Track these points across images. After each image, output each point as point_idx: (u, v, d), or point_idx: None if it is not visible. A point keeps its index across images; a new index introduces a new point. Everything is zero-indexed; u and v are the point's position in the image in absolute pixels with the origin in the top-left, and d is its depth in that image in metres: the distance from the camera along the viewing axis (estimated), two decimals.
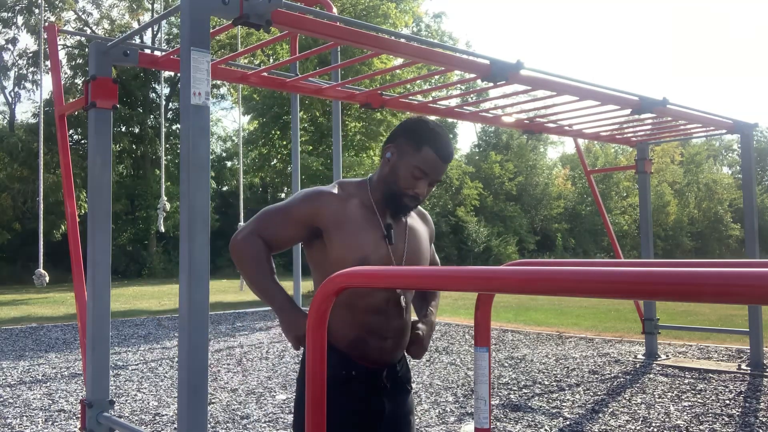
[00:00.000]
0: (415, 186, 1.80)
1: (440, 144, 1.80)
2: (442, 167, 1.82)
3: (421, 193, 1.82)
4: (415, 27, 29.24)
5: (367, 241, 1.79)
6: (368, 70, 14.51)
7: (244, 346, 7.80)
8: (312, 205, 1.81)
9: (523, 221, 34.32)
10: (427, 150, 1.78)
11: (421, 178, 1.80)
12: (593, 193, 7.49)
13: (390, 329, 1.83)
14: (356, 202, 1.84)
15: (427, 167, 1.79)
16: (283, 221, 1.83)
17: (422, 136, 1.80)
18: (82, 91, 3.12)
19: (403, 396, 1.93)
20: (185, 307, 2.09)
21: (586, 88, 3.96)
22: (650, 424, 4.35)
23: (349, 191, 1.87)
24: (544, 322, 10.04)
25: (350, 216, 1.81)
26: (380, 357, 1.83)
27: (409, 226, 1.93)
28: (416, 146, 1.80)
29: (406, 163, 1.80)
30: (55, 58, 3.86)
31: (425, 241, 1.98)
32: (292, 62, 4.27)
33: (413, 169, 1.79)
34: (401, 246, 1.87)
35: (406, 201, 1.82)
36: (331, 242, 1.78)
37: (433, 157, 1.78)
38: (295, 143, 8.98)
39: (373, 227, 1.83)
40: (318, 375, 1.41)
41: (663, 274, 0.90)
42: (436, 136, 1.80)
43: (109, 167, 3.04)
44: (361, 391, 1.81)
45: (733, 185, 43.49)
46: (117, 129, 26.09)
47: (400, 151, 1.83)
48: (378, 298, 1.80)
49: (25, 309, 12.94)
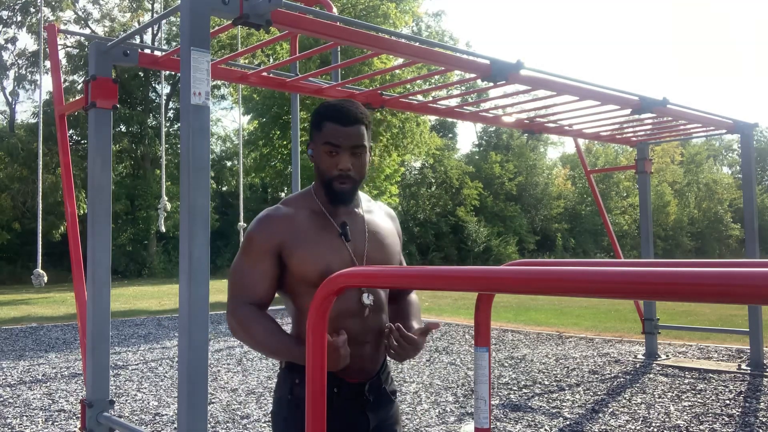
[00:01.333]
0: (336, 163, 1.74)
1: (335, 111, 1.75)
2: (347, 132, 1.74)
3: (345, 167, 1.74)
4: (414, 26, 29.26)
5: (326, 250, 1.73)
6: (368, 70, 14.51)
7: (244, 346, 7.80)
8: (267, 231, 1.75)
9: (523, 221, 34.33)
10: (326, 124, 1.75)
11: (334, 152, 1.74)
12: (593, 193, 7.49)
13: (367, 332, 1.75)
14: (305, 213, 1.79)
15: (332, 138, 1.73)
16: (249, 264, 1.76)
17: (319, 115, 1.78)
18: (82, 91, 3.11)
19: (388, 408, 1.84)
20: (185, 307, 2.09)
21: (586, 88, 3.96)
22: (650, 424, 4.35)
23: (295, 205, 1.81)
24: (544, 322, 10.04)
25: (303, 228, 1.75)
26: (361, 366, 1.75)
27: (368, 220, 1.85)
28: (318, 127, 1.77)
29: (318, 147, 1.77)
30: (55, 58, 3.86)
31: (391, 236, 1.89)
32: (292, 62, 4.27)
33: (324, 149, 1.75)
34: (362, 243, 1.79)
35: (337, 184, 1.75)
36: (291, 261, 1.72)
37: (333, 127, 1.74)
38: (295, 143, 8.98)
39: (328, 232, 1.77)
40: (318, 376, 1.41)
41: (663, 274, 0.90)
42: (331, 106, 1.77)
43: (109, 167, 3.04)
44: (343, 409, 1.73)
45: (733, 185, 43.51)
46: (117, 129, 26.11)
47: (313, 141, 1.81)
48: (350, 300, 1.73)
49: (25, 309, 12.94)
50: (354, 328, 1.72)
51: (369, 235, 1.82)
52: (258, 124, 19.03)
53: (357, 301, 1.74)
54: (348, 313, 1.73)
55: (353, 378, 1.75)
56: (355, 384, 1.75)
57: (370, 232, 1.83)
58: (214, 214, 26.59)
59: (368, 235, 1.82)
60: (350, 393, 1.75)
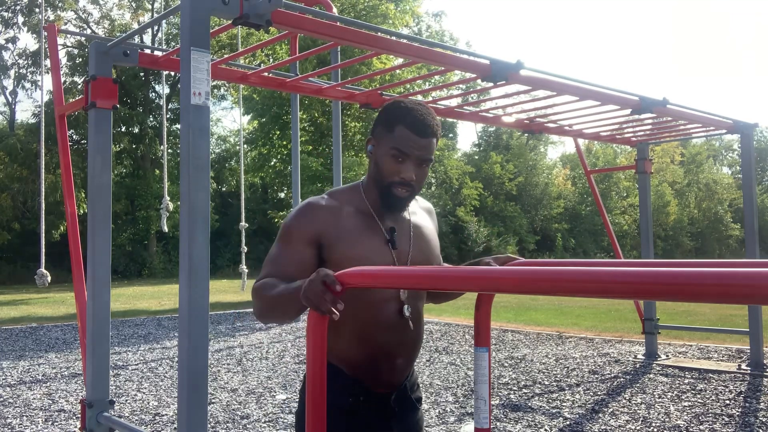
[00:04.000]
0: (400, 171, 1.65)
1: (412, 119, 1.64)
2: (421, 143, 1.64)
3: (408, 177, 1.65)
4: (414, 26, 29.27)
5: (369, 252, 1.66)
6: (368, 70, 14.51)
7: (244, 346, 7.80)
8: (307, 218, 1.67)
9: (523, 221, 34.33)
10: (400, 128, 1.64)
11: (402, 160, 1.65)
12: (593, 193, 7.49)
13: (402, 346, 1.70)
14: (351, 210, 1.70)
15: (403, 146, 1.64)
16: (284, 250, 1.67)
17: (393, 116, 1.67)
18: (82, 91, 3.11)
19: (412, 416, 1.80)
20: (185, 307, 2.09)
21: (586, 88, 3.96)
22: (650, 424, 4.35)
23: (341, 199, 1.73)
24: (544, 322, 10.04)
25: (347, 227, 1.67)
26: (390, 379, 1.71)
27: (414, 224, 1.78)
28: (389, 128, 1.67)
29: (384, 149, 1.67)
30: (55, 58, 3.86)
31: (433, 240, 1.84)
32: (292, 62, 4.27)
33: (391, 152, 1.65)
34: (406, 249, 1.73)
35: (397, 191, 1.66)
36: (330, 259, 1.64)
37: (407, 134, 1.64)
38: (295, 143, 8.99)
39: (374, 234, 1.69)
40: (318, 376, 1.41)
41: (663, 274, 0.90)
42: (408, 112, 1.66)
43: (109, 167, 3.04)
44: (368, 418, 1.70)
45: (733, 185, 43.50)
46: (117, 129, 26.10)
47: (377, 139, 1.70)
48: (387, 312, 1.67)
49: (25, 309, 12.94)
50: (390, 341, 1.68)
51: (413, 240, 1.76)
52: (258, 123, 19.05)
53: (395, 312, 1.69)
54: (385, 325, 1.68)
55: (380, 388, 1.72)
56: (382, 394, 1.72)
57: (414, 236, 1.77)
58: (214, 214, 26.59)
59: (413, 241, 1.76)
60: (376, 403, 1.71)
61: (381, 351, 1.68)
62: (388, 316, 1.68)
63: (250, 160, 21.03)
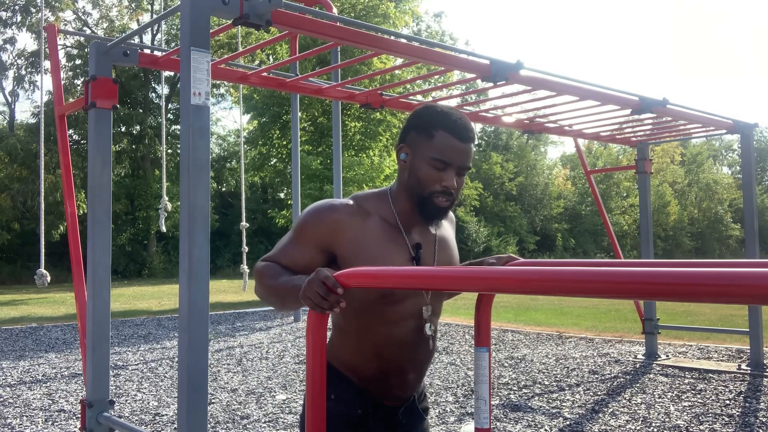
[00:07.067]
0: (441, 179, 1.55)
1: (454, 124, 1.55)
2: (463, 149, 1.56)
3: (451, 185, 1.56)
4: (414, 26, 29.27)
5: (392, 265, 1.59)
6: (368, 70, 14.52)
7: (244, 346, 7.80)
8: (323, 223, 1.58)
9: (523, 221, 34.35)
10: (442, 134, 1.55)
11: (443, 168, 1.55)
12: (593, 193, 7.49)
13: (417, 362, 1.67)
14: (376, 220, 1.61)
15: (446, 154, 1.54)
16: (294, 243, 1.62)
17: (432, 122, 1.57)
18: (82, 91, 3.12)
19: (419, 427, 1.78)
20: (185, 307, 2.09)
21: (586, 88, 3.96)
22: (650, 424, 4.34)
23: (367, 207, 1.62)
24: (544, 322, 10.04)
25: (370, 238, 1.58)
26: (402, 393, 1.70)
27: (439, 237, 1.71)
28: (428, 134, 1.56)
29: (422, 157, 1.57)
30: (55, 58, 3.86)
31: (455, 250, 1.78)
32: (292, 62, 4.27)
33: (432, 161, 1.55)
34: (430, 264, 1.68)
35: (438, 201, 1.57)
36: (348, 267, 1.55)
37: (449, 140, 1.54)
38: (295, 143, 9.00)
39: (399, 249, 1.61)
40: (318, 376, 1.41)
41: (663, 274, 0.90)
42: (448, 117, 1.56)
43: (109, 167, 3.04)
44: (377, 429, 1.68)
45: (733, 185, 43.52)
46: (117, 129, 26.11)
47: (414, 146, 1.59)
48: (407, 329, 1.62)
49: (25, 309, 12.94)
50: (406, 357, 1.65)
51: (438, 255, 1.70)
52: (257, 123, 19.05)
53: (415, 330, 1.64)
54: (404, 343, 1.63)
55: (390, 401, 1.70)
56: (391, 406, 1.71)
57: (439, 251, 1.71)
58: (214, 214, 26.59)
59: (437, 255, 1.70)
60: (385, 414, 1.70)
61: (396, 367, 1.65)
62: (407, 333, 1.63)
63: (250, 159, 21.02)
